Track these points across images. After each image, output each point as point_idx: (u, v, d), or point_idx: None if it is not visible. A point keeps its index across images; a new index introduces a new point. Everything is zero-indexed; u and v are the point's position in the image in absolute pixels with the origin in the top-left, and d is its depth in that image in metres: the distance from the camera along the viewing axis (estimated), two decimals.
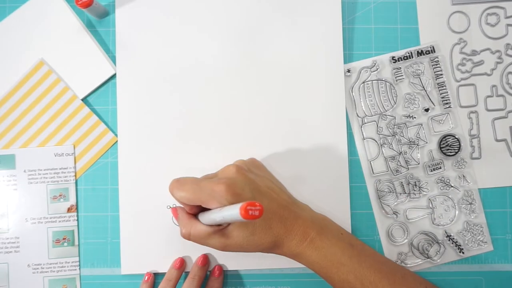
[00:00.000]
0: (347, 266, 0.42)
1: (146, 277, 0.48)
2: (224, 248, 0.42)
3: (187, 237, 0.42)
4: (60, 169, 0.49)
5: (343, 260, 0.42)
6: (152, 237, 0.48)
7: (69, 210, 0.49)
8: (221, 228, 0.41)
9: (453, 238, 0.49)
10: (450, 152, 0.50)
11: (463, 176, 0.50)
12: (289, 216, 0.43)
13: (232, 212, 0.34)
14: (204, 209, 0.42)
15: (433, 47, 0.50)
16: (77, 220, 0.49)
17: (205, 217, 0.41)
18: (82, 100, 0.50)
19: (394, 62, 0.50)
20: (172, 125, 0.49)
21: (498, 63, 0.50)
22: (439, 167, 0.50)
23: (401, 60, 0.50)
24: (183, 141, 0.49)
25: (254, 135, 0.49)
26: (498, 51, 0.50)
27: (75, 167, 0.49)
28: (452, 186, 0.50)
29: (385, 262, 0.45)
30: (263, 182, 0.44)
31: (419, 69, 0.50)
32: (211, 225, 0.41)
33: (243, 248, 0.42)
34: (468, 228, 0.50)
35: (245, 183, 0.42)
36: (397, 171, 0.50)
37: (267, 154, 0.49)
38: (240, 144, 0.49)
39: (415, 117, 0.50)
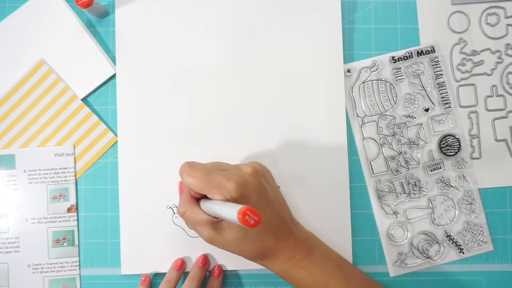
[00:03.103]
0: (335, 287, 0.42)
1: (143, 279, 0.48)
2: (210, 241, 0.41)
3: (181, 215, 0.42)
4: (60, 169, 0.49)
5: (330, 282, 0.43)
6: (152, 237, 0.48)
7: (69, 210, 0.49)
8: (216, 221, 0.41)
9: (453, 238, 0.49)
10: (450, 152, 0.50)
11: (463, 176, 0.50)
12: (284, 233, 0.43)
13: (231, 210, 0.34)
14: (207, 197, 0.42)
15: (433, 47, 0.50)
16: (77, 220, 0.49)
17: (206, 204, 0.41)
18: (82, 100, 0.50)
19: (394, 62, 0.50)
20: (172, 125, 0.49)
21: (498, 63, 0.50)
22: (439, 167, 0.50)
23: (401, 60, 0.50)
24: (183, 141, 0.49)
25: (253, 135, 0.49)
26: (498, 51, 0.50)
27: (75, 167, 0.49)
28: (452, 186, 0.50)
29: (372, 284, 0.45)
30: (272, 191, 0.44)
31: (419, 69, 0.50)
32: (207, 214, 0.41)
33: (228, 248, 0.42)
34: (468, 228, 0.50)
35: (256, 188, 0.41)
36: (397, 171, 0.49)
37: (267, 154, 0.49)
38: (240, 144, 0.49)
39: (415, 117, 0.50)
